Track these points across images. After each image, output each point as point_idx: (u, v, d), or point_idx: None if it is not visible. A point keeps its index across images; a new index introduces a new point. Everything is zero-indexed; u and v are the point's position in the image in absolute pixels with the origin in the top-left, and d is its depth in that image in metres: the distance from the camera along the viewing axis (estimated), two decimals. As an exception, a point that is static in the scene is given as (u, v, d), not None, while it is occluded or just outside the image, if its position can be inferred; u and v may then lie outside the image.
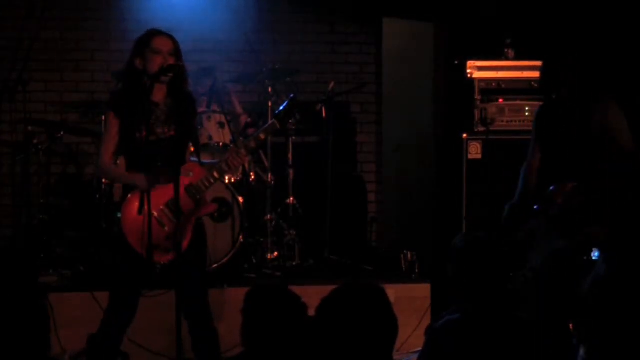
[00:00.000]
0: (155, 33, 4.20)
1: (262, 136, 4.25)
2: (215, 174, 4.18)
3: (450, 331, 3.20)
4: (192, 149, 4.42)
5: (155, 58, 4.11)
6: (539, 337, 3.61)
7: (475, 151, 5.85)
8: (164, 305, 4.62)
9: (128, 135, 4.13)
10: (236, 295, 5.41)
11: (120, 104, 4.18)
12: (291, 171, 6.39)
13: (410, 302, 5.47)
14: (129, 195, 4.13)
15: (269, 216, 6.23)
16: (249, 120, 6.43)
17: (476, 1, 6.36)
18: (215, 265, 5.77)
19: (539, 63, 5.94)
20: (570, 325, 4.05)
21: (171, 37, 4.20)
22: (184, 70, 4.17)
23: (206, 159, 6.00)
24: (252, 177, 6.37)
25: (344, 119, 7.22)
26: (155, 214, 4.10)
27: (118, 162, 4.22)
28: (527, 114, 5.91)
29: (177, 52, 4.17)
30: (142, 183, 4.06)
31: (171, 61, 4.11)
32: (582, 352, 3.57)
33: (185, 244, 4.09)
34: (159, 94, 4.19)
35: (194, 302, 4.22)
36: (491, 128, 5.87)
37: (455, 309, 3.31)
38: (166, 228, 4.13)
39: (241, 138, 5.42)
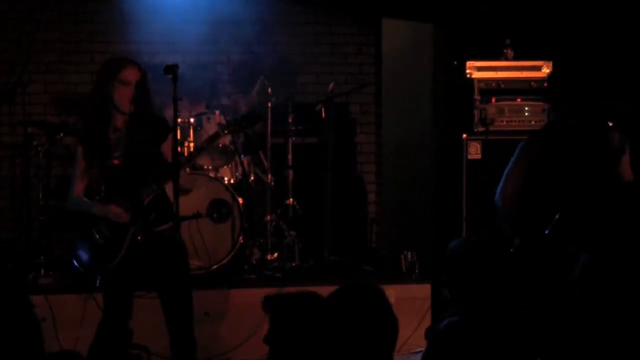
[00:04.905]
0: (124, 63, 4.31)
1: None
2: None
3: (453, 333, 3.20)
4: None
5: (123, 89, 4.24)
6: (539, 337, 3.61)
7: (475, 151, 5.85)
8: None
9: (93, 162, 4.26)
10: (236, 296, 5.42)
11: (85, 135, 4.33)
12: (291, 172, 6.39)
13: (411, 303, 5.47)
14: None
15: (268, 217, 6.23)
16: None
17: (475, 1, 6.35)
18: (215, 267, 5.77)
19: (538, 63, 6.03)
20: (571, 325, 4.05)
21: (137, 66, 4.31)
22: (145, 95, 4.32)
23: (205, 160, 6.05)
24: (252, 178, 6.38)
25: (343, 120, 7.21)
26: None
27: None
28: (526, 114, 5.91)
29: (143, 81, 4.30)
30: (116, 215, 4.22)
31: (135, 91, 4.25)
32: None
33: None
34: (120, 120, 4.31)
35: (177, 311, 4.30)
36: (491, 128, 5.87)
37: (455, 311, 3.30)
38: None
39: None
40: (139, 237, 4.23)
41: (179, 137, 4.63)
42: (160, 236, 4.29)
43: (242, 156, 6.30)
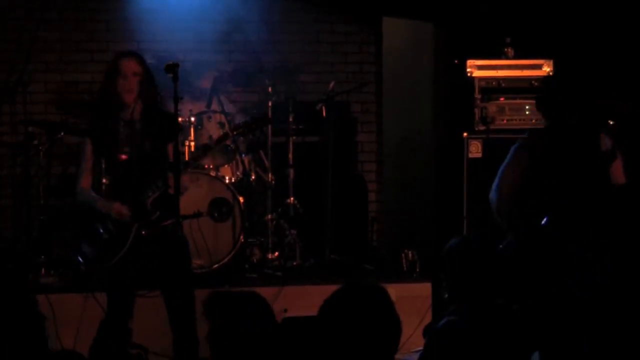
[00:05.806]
0: (121, 55, 4.35)
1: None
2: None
3: (451, 332, 3.20)
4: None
5: (122, 81, 4.27)
6: (538, 337, 3.61)
7: (475, 150, 5.85)
8: (164, 306, 4.61)
9: (101, 156, 4.29)
10: (237, 296, 5.41)
11: (94, 131, 4.35)
12: (292, 171, 6.39)
13: (411, 302, 5.47)
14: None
15: (269, 216, 6.23)
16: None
17: (476, 0, 6.35)
18: (216, 266, 5.77)
19: (539, 62, 6.02)
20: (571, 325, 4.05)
21: (136, 58, 4.33)
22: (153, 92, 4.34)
23: (206, 159, 6.05)
24: (253, 177, 6.38)
25: (344, 119, 7.20)
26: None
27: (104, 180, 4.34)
28: (527, 112, 5.91)
29: (144, 73, 4.30)
30: (119, 213, 4.25)
31: (135, 82, 4.27)
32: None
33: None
34: (129, 115, 4.31)
35: (179, 309, 4.30)
36: (491, 127, 5.87)
37: (454, 310, 3.30)
38: None
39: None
40: (143, 232, 4.25)
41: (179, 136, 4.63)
42: (164, 232, 4.30)
43: (243, 155, 6.30)
